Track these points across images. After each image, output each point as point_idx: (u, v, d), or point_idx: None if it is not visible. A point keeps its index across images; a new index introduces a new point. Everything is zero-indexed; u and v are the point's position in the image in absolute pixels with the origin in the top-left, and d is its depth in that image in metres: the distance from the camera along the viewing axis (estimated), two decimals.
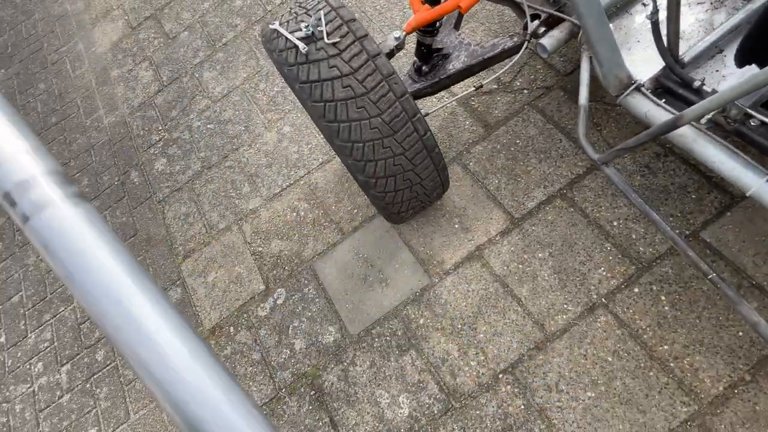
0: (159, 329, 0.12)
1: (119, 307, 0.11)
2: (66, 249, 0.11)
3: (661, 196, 1.24)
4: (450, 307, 1.28)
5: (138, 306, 0.12)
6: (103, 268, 0.11)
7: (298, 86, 0.95)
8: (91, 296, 0.11)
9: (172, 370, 0.12)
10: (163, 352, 0.12)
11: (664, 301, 1.14)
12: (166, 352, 0.12)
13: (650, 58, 1.08)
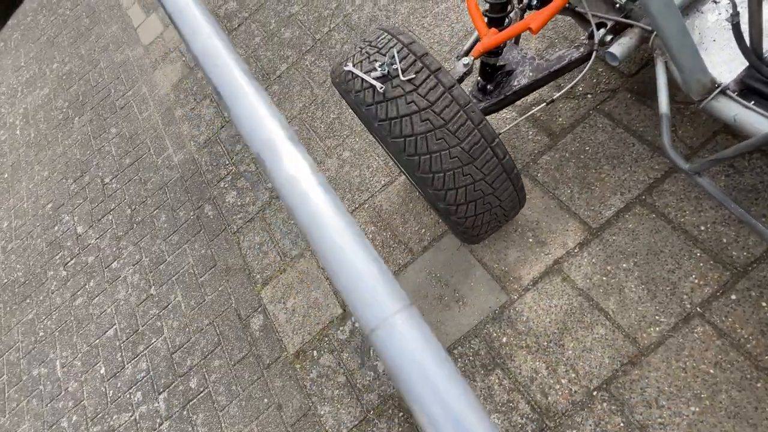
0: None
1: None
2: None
3: (750, 196, 1.18)
4: (533, 324, 1.27)
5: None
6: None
7: (377, 124, 0.98)
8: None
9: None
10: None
11: (766, 307, 1.09)
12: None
13: (730, 58, 1.04)
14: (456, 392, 0.11)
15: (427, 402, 0.11)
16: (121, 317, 2.00)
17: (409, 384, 0.11)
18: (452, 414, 0.11)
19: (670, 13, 0.87)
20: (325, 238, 0.12)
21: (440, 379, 0.11)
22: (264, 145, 0.13)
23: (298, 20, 2.33)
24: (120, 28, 3.27)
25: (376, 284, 0.12)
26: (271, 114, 0.13)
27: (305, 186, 0.12)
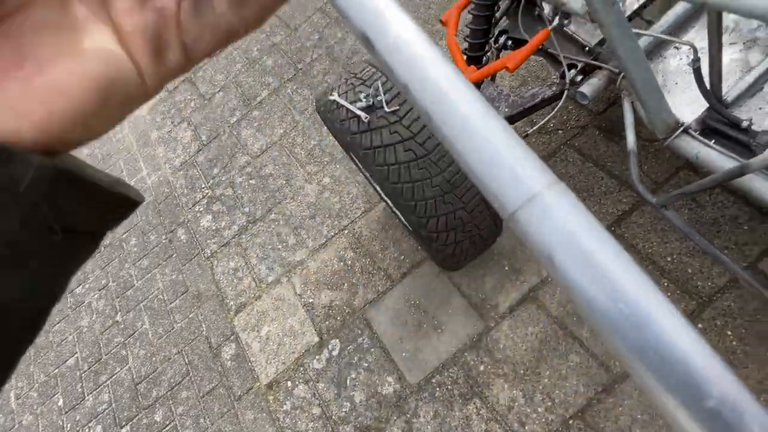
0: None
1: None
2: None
3: (712, 229, 1.25)
4: (510, 351, 1.28)
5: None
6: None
7: (362, 152, 1.00)
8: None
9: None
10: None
11: (731, 336, 1.13)
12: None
13: (692, 100, 1.12)
14: (623, 267, 0.09)
15: (592, 284, 0.09)
16: (83, 345, 1.90)
17: (568, 266, 0.09)
18: (621, 294, 0.09)
19: (636, 57, 0.94)
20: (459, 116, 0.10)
21: (605, 257, 0.09)
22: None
23: (281, 49, 2.37)
24: None
25: (523, 157, 0.10)
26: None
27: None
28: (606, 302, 0.09)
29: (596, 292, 0.09)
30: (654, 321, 0.09)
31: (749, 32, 1.18)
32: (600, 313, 0.09)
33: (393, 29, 0.11)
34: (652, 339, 0.09)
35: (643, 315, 0.09)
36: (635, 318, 0.09)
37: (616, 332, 0.09)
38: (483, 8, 1.12)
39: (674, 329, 0.09)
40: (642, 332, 0.09)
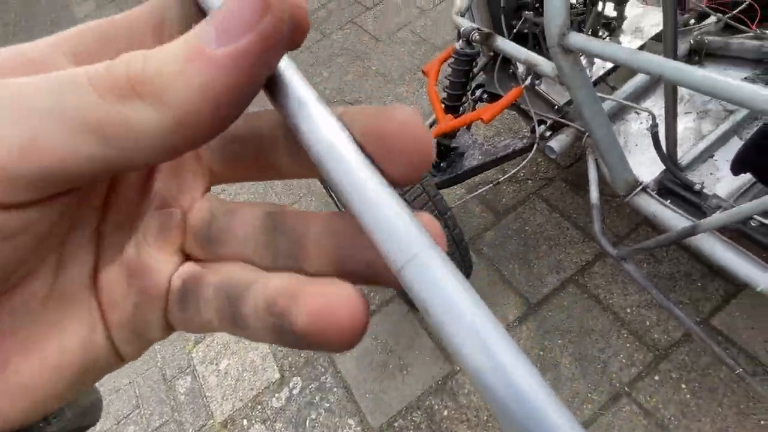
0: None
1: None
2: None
3: (668, 283, 1.31)
4: (474, 396, 1.27)
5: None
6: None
7: None
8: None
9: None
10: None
11: (685, 389, 1.17)
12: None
13: (650, 161, 1.20)
14: (484, 316, 0.11)
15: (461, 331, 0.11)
16: None
17: (438, 314, 0.11)
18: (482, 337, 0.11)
19: (599, 119, 1.01)
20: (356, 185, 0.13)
21: (467, 306, 0.11)
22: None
23: None
24: None
25: (405, 224, 0.12)
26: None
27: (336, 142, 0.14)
28: (470, 348, 0.11)
29: (462, 339, 0.11)
30: (507, 364, 0.11)
31: (702, 104, 1.29)
32: (464, 358, 0.11)
33: (323, 129, 0.14)
34: (506, 381, 0.11)
35: (498, 358, 0.11)
36: (493, 362, 0.11)
37: (478, 374, 0.11)
38: (462, 63, 1.19)
39: (526, 373, 0.11)
40: (499, 375, 0.11)
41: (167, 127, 0.12)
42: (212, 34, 0.12)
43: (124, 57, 0.13)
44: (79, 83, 0.12)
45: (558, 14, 0.84)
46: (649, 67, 0.74)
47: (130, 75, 0.12)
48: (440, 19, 2.35)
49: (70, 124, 0.12)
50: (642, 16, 1.45)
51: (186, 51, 0.12)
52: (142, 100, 0.12)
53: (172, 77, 0.12)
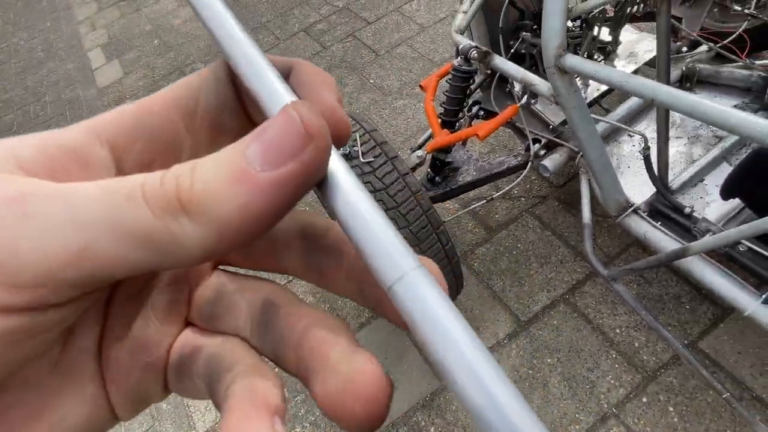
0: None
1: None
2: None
3: (657, 305, 1.32)
4: (461, 413, 1.26)
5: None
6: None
7: None
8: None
9: None
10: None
11: (672, 412, 1.17)
12: None
13: (641, 183, 1.21)
14: (466, 334, 0.12)
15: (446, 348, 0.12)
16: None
17: (425, 330, 0.12)
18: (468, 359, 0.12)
19: (593, 140, 1.03)
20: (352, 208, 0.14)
21: (452, 324, 0.12)
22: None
23: None
24: (76, 67, 3.21)
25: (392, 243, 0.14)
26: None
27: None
28: (454, 363, 0.12)
29: (445, 353, 0.12)
30: (486, 379, 0.12)
31: (693, 129, 1.31)
32: (448, 372, 0.12)
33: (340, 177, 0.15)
34: (487, 397, 0.11)
35: (479, 373, 0.12)
36: (475, 377, 0.12)
37: (458, 386, 0.12)
38: (460, 79, 1.20)
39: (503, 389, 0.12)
40: (479, 390, 0.11)
41: (209, 240, 0.13)
42: (258, 156, 0.13)
43: (175, 170, 0.13)
44: (134, 197, 0.13)
45: (555, 36, 0.86)
46: (643, 91, 0.76)
47: (180, 192, 0.13)
48: (439, 37, 2.39)
49: (122, 235, 0.12)
50: (636, 42, 1.49)
51: (232, 171, 0.13)
52: (189, 217, 0.13)
53: (218, 197, 0.13)
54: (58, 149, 0.15)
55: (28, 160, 0.14)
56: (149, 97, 0.17)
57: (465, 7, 1.27)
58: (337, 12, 2.78)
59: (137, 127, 0.17)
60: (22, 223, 0.12)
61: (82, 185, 0.13)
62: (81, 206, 0.12)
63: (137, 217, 0.12)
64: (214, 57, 2.80)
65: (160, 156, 0.18)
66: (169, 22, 3.27)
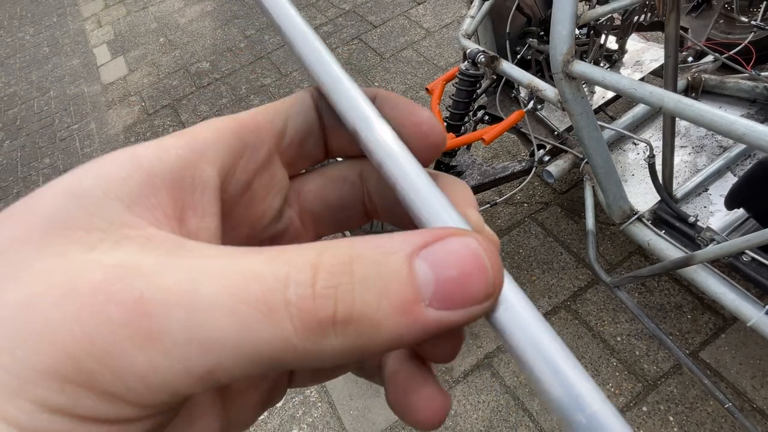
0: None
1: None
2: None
3: (659, 314, 1.32)
4: (460, 419, 1.26)
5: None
6: None
7: None
8: None
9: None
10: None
11: (673, 421, 1.16)
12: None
13: (646, 191, 1.21)
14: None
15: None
16: None
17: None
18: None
19: (598, 147, 1.03)
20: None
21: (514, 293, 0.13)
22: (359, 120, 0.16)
23: (269, 91, 2.43)
24: (81, 63, 3.22)
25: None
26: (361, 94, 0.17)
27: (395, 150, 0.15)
28: (503, 314, 0.13)
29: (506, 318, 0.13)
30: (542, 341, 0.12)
31: (698, 138, 1.31)
32: (498, 324, 0.13)
33: (375, 127, 0.16)
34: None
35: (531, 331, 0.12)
36: (532, 341, 0.12)
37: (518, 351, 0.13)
38: (466, 84, 1.20)
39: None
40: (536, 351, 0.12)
41: (342, 355, 0.12)
42: (431, 292, 0.12)
43: (337, 290, 0.12)
44: (273, 313, 0.11)
45: (564, 42, 0.86)
46: (651, 99, 0.76)
47: (338, 315, 0.11)
48: (444, 42, 2.39)
49: (252, 358, 0.11)
50: (642, 51, 1.49)
51: (400, 302, 0.12)
52: (335, 337, 0.11)
53: (378, 324, 0.12)
54: (164, 177, 0.13)
55: (135, 199, 0.13)
56: (243, 114, 0.17)
57: (473, 12, 1.27)
58: (343, 15, 2.79)
59: (239, 144, 0.16)
60: (148, 348, 0.11)
61: (205, 282, 0.11)
62: (206, 321, 0.11)
63: (273, 338, 0.11)
64: (219, 56, 2.81)
65: (259, 176, 0.17)
66: (175, 20, 3.28)
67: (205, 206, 0.14)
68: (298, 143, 0.18)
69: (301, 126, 0.18)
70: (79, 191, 0.12)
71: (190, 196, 0.14)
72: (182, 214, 0.14)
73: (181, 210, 0.14)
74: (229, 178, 0.16)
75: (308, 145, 0.18)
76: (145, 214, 0.13)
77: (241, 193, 0.17)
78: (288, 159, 0.18)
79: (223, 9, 3.23)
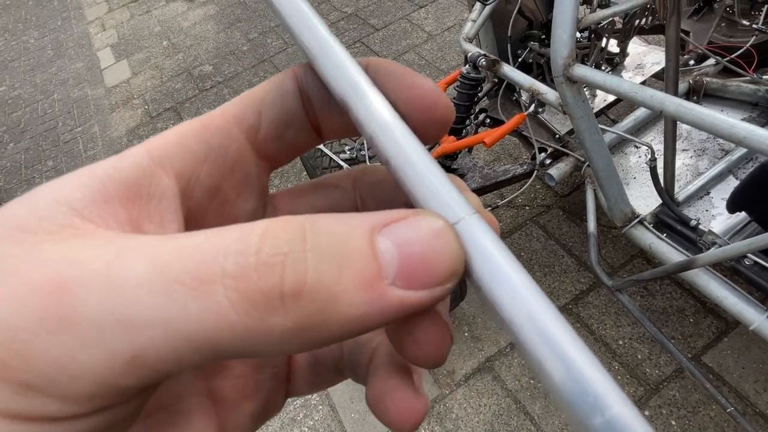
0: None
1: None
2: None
3: (661, 317, 1.31)
4: (462, 422, 1.25)
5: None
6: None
7: None
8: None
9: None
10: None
11: (675, 426, 1.15)
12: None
13: (647, 194, 1.21)
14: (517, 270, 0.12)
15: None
16: None
17: (481, 271, 0.12)
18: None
19: (600, 150, 1.03)
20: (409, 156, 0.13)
21: (507, 263, 0.12)
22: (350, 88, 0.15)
23: None
24: (85, 66, 3.24)
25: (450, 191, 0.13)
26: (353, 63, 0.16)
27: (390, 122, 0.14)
28: (507, 300, 0.12)
29: (500, 291, 0.12)
30: (548, 326, 0.11)
31: (700, 142, 1.31)
32: (508, 317, 0.12)
33: (366, 95, 0.14)
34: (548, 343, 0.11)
35: (539, 320, 0.11)
36: (535, 323, 0.11)
37: (518, 330, 0.11)
38: (468, 87, 1.21)
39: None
40: (539, 335, 0.11)
41: (294, 337, 0.10)
42: (394, 269, 0.11)
43: (274, 246, 0.10)
44: (207, 292, 0.10)
45: (565, 45, 0.86)
46: (652, 102, 0.76)
47: (286, 286, 0.10)
48: (446, 45, 2.40)
49: (185, 338, 0.10)
50: (644, 54, 1.49)
51: (362, 275, 0.11)
52: (285, 313, 0.10)
53: (335, 298, 0.10)
54: (117, 186, 0.13)
55: (85, 205, 0.12)
56: (209, 114, 0.16)
57: (474, 16, 1.27)
58: (345, 18, 2.80)
59: (202, 148, 0.15)
60: (63, 331, 0.10)
61: (134, 260, 0.10)
62: (130, 299, 0.10)
63: (204, 314, 0.10)
64: (222, 59, 2.82)
65: (228, 178, 0.16)
66: (178, 24, 3.30)
67: (162, 214, 0.14)
68: (276, 135, 0.17)
69: (278, 115, 0.16)
70: (33, 199, 0.12)
71: (146, 205, 0.13)
72: (138, 223, 0.13)
73: (137, 218, 0.13)
74: (193, 185, 0.15)
75: (289, 135, 0.17)
76: (96, 220, 0.12)
77: (210, 198, 0.16)
78: (267, 152, 0.17)
79: (226, 12, 3.25)
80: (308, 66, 0.16)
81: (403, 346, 0.14)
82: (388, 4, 2.79)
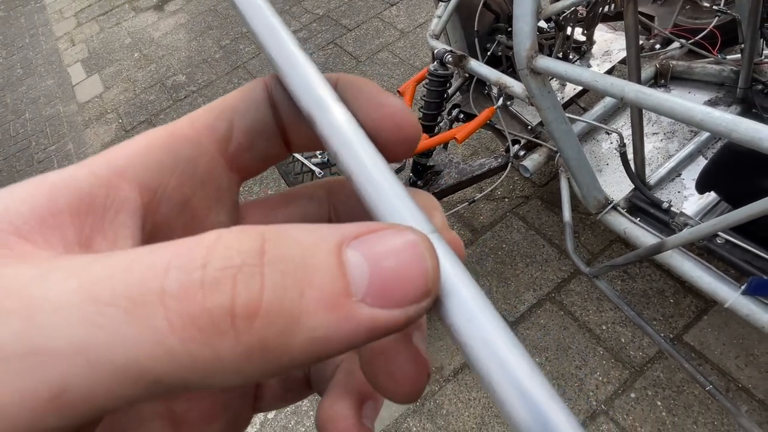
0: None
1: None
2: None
3: (642, 300, 1.33)
4: (452, 417, 1.26)
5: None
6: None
7: None
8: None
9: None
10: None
11: (661, 406, 1.17)
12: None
13: (620, 180, 1.22)
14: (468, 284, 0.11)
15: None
16: None
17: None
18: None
19: (569, 139, 1.03)
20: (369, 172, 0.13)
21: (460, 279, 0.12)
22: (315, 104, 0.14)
23: None
24: (56, 83, 3.18)
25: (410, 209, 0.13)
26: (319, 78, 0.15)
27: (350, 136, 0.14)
28: (462, 323, 0.11)
29: (455, 313, 0.11)
30: (494, 338, 0.11)
31: (669, 125, 1.33)
32: (459, 333, 0.11)
33: (331, 111, 0.14)
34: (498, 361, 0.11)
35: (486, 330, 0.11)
36: (484, 336, 0.11)
37: (470, 350, 0.11)
38: (436, 84, 1.21)
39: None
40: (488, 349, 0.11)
41: (249, 365, 0.09)
42: (364, 287, 0.10)
43: (238, 272, 0.09)
44: (143, 306, 0.09)
45: (526, 37, 0.86)
46: (612, 90, 0.76)
47: (238, 305, 0.09)
48: (419, 42, 2.40)
49: (116, 371, 0.09)
50: (610, 41, 1.51)
51: (328, 294, 0.10)
52: (235, 337, 0.09)
53: (295, 319, 0.09)
54: (69, 197, 0.12)
55: (27, 221, 0.11)
56: (178, 122, 0.15)
57: (439, 12, 1.27)
58: (317, 20, 2.79)
59: (169, 159, 0.14)
60: None
61: (59, 282, 0.09)
62: (48, 327, 0.08)
63: (139, 342, 0.09)
64: (195, 68, 2.79)
65: (198, 191, 0.15)
66: (149, 34, 3.26)
67: (117, 229, 0.12)
68: (248, 146, 0.16)
69: (249, 125, 0.16)
70: None
71: (100, 219, 0.12)
72: (89, 239, 0.12)
73: (89, 234, 0.12)
74: (159, 197, 0.14)
75: (261, 146, 0.16)
76: (36, 239, 0.11)
77: (178, 212, 0.15)
78: (238, 164, 0.16)
79: (197, 21, 3.21)
80: (278, 78, 0.16)
81: (377, 380, 0.13)
82: (359, 3, 2.78)
